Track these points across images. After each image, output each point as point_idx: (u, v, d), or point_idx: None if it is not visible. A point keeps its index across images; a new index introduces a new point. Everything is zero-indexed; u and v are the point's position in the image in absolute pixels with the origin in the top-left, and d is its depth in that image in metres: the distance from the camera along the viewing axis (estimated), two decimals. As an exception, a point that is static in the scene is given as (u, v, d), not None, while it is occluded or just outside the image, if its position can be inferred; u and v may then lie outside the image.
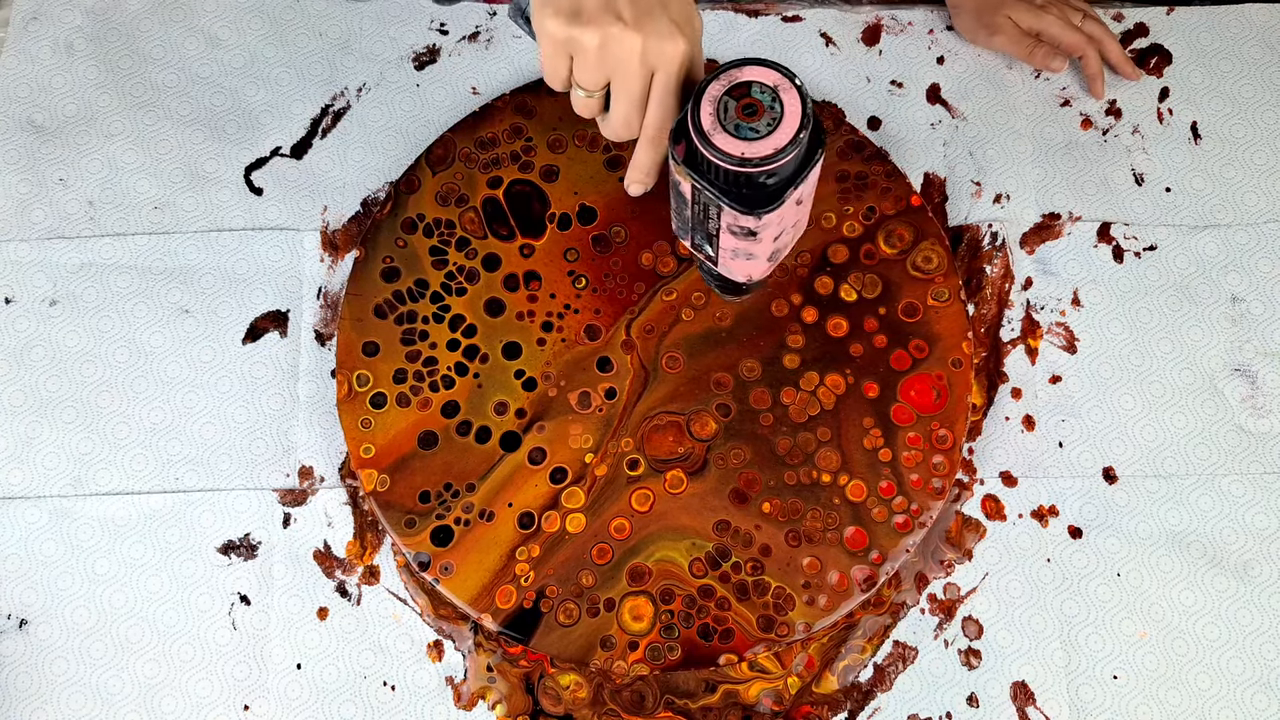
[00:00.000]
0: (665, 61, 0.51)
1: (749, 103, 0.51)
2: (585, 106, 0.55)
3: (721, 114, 0.51)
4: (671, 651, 0.67)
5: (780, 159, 0.51)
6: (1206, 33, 0.81)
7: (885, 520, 0.69)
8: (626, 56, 0.51)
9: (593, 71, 0.52)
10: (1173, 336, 0.74)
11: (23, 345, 0.73)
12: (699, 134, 0.51)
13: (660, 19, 0.51)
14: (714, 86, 0.51)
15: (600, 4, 0.50)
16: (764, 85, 0.52)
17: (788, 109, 0.51)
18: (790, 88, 0.51)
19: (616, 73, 0.52)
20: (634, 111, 0.53)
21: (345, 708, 0.67)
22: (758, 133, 0.51)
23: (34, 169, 0.77)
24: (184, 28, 0.81)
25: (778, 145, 0.51)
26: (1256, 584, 0.69)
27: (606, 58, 0.51)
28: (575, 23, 0.51)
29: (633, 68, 0.51)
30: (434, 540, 0.68)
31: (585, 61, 0.52)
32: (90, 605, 0.69)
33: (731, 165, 0.51)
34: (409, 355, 0.72)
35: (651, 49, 0.51)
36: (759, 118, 0.51)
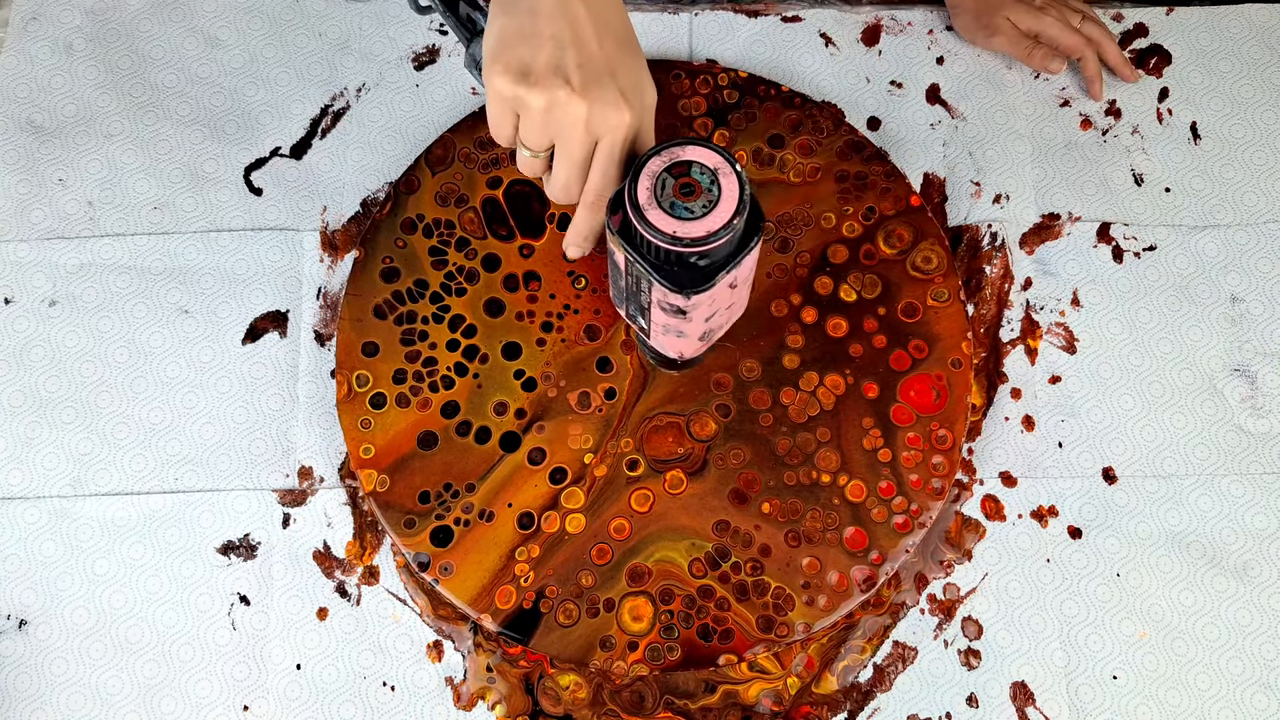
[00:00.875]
0: (609, 130, 0.51)
1: (687, 182, 0.51)
2: (529, 165, 0.55)
3: (659, 190, 0.51)
4: (671, 652, 0.67)
5: (713, 241, 0.51)
6: (1206, 33, 0.81)
7: (885, 520, 0.69)
8: (571, 122, 0.51)
9: (537, 133, 0.52)
10: (1172, 337, 0.74)
11: (22, 345, 0.73)
12: (634, 207, 0.51)
13: (608, 88, 0.51)
14: (654, 161, 0.51)
15: (549, 66, 0.50)
16: (704, 166, 0.52)
17: (725, 192, 0.51)
18: (730, 172, 0.51)
19: (560, 137, 0.52)
20: (575, 177, 0.53)
21: (345, 708, 0.67)
22: (692, 213, 0.51)
23: (33, 169, 0.77)
24: (183, 28, 0.81)
25: (711, 228, 0.51)
26: (1256, 584, 0.69)
27: (551, 121, 0.51)
28: (523, 83, 0.50)
29: (576, 134, 0.51)
30: (433, 541, 0.68)
31: (530, 122, 0.52)
32: (90, 606, 0.69)
33: (664, 243, 0.51)
34: (409, 355, 0.72)
35: (596, 117, 0.51)
36: (695, 198, 0.51)
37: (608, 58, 0.51)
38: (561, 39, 0.50)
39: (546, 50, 0.50)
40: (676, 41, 0.81)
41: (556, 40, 0.50)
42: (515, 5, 0.51)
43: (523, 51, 0.50)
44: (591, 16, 0.51)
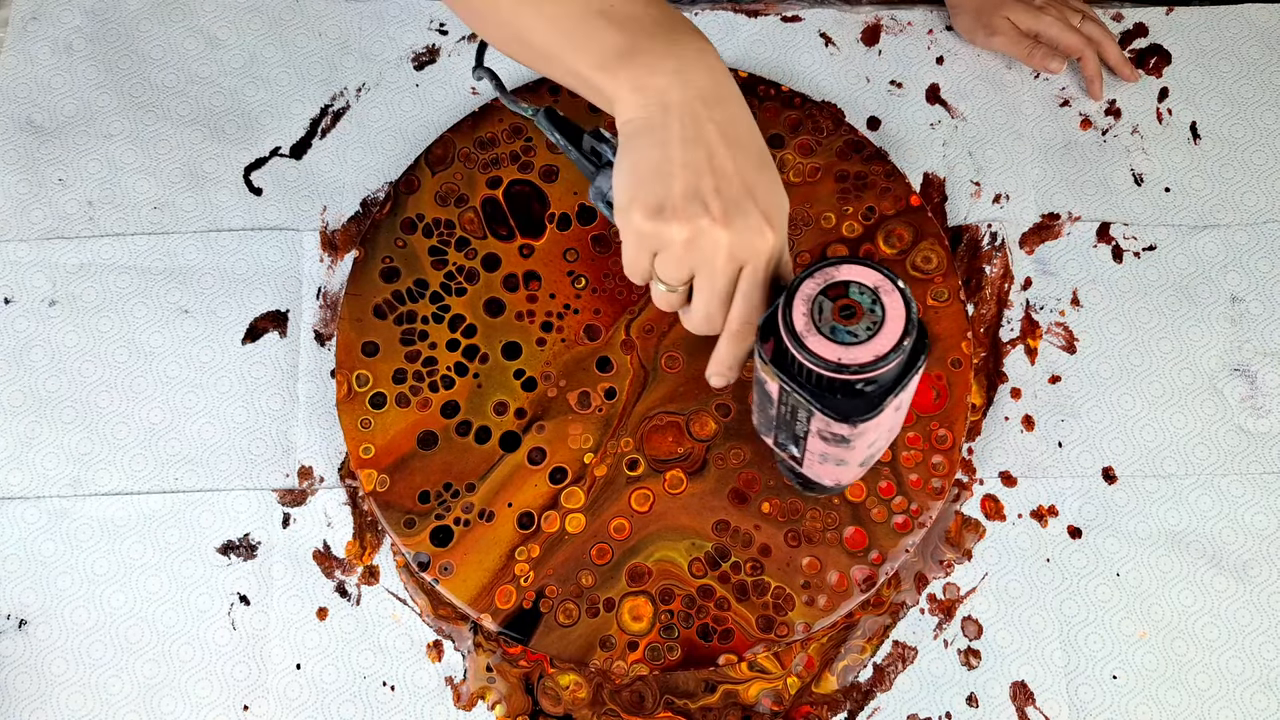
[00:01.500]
0: (753, 256, 0.49)
1: (847, 304, 0.48)
2: (667, 301, 0.52)
3: (816, 314, 0.48)
4: (671, 651, 0.67)
5: (881, 366, 0.47)
6: (1206, 33, 0.81)
7: (885, 520, 0.69)
8: (713, 252, 0.48)
9: (677, 267, 0.49)
10: (1172, 336, 0.74)
11: (22, 345, 0.73)
12: (791, 335, 0.47)
13: (750, 213, 0.48)
14: (808, 284, 0.48)
15: (687, 196, 0.47)
16: (863, 286, 0.48)
17: (890, 312, 0.48)
18: (892, 289, 0.48)
19: (702, 268, 0.49)
20: (718, 307, 0.51)
21: (345, 708, 0.67)
22: (856, 337, 0.47)
23: (33, 169, 0.77)
24: (183, 28, 0.81)
25: (879, 352, 0.47)
26: (1256, 584, 0.69)
27: (692, 253, 0.49)
28: (660, 218, 0.48)
29: (719, 264, 0.49)
30: (433, 540, 0.68)
31: (670, 257, 0.49)
32: (90, 606, 0.69)
33: (828, 371, 0.47)
34: (408, 355, 0.72)
35: (740, 244, 0.48)
36: (858, 320, 0.47)
37: (744, 179, 0.48)
38: (697, 166, 0.48)
39: (682, 180, 0.48)
40: (676, 41, 0.81)
41: (691, 168, 0.48)
42: (644, 136, 0.49)
43: (658, 186, 0.48)
44: (724, 138, 0.48)
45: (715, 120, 0.48)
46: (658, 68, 0.48)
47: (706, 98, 0.48)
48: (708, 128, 0.48)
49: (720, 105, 0.49)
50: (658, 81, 0.48)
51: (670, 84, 0.48)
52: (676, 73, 0.48)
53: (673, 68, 0.48)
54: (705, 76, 0.49)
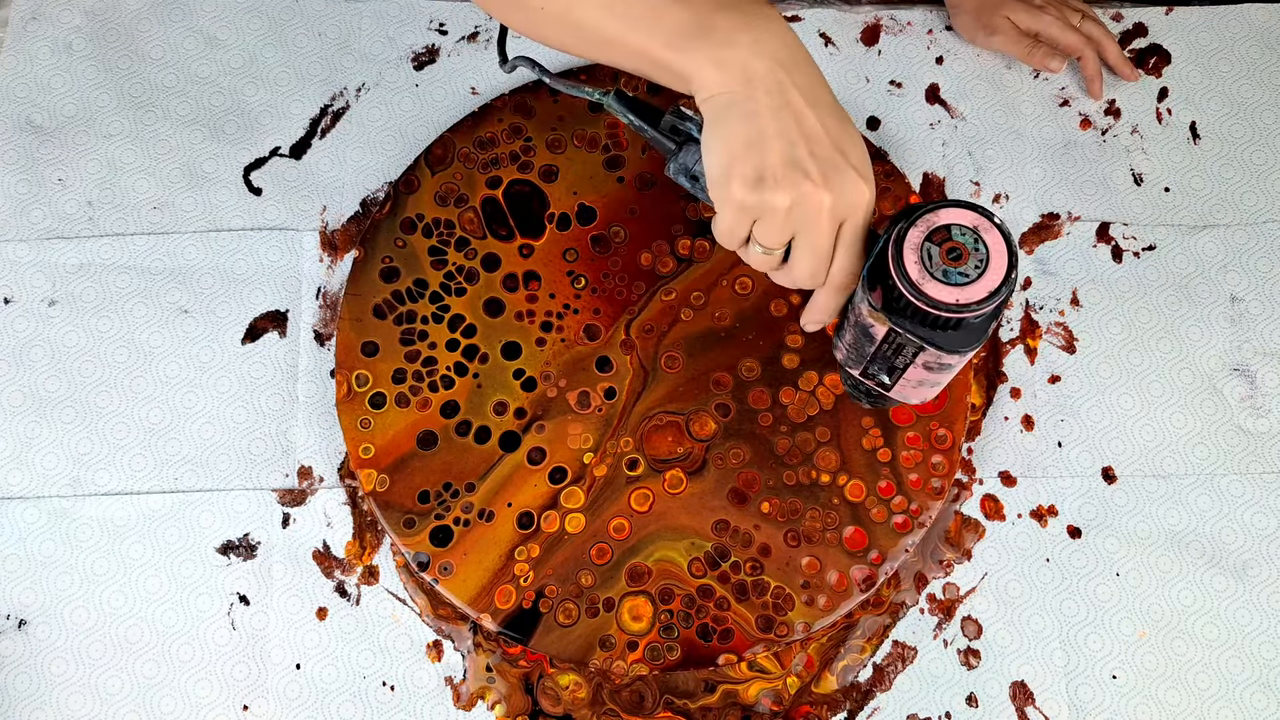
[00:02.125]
0: (853, 211, 0.50)
1: (953, 246, 0.50)
2: (765, 262, 0.53)
3: (927, 261, 0.50)
4: (671, 651, 0.67)
5: (994, 301, 0.50)
6: (1205, 33, 0.81)
7: (884, 520, 0.69)
8: (816, 214, 0.50)
9: (780, 232, 0.51)
10: (1171, 336, 0.74)
11: (22, 345, 0.73)
12: (907, 283, 0.49)
13: (845, 170, 0.49)
14: (913, 233, 0.50)
15: (786, 165, 0.49)
16: (964, 227, 0.50)
17: (992, 249, 0.50)
18: (991, 226, 0.50)
19: (804, 230, 0.51)
20: (822, 264, 0.52)
21: (344, 708, 0.67)
22: (967, 277, 0.49)
23: (33, 169, 0.77)
24: (183, 28, 0.81)
25: (991, 287, 0.49)
26: (1255, 584, 0.69)
27: (794, 217, 0.50)
28: (762, 187, 0.49)
29: (822, 223, 0.50)
30: (433, 540, 0.68)
31: (772, 223, 0.50)
32: (89, 605, 0.69)
33: (949, 313, 0.50)
34: (408, 355, 0.72)
35: (841, 203, 0.50)
36: (965, 261, 0.50)
37: (834, 138, 0.49)
38: (789, 134, 0.49)
39: (777, 149, 0.49)
40: (676, 41, 0.81)
41: (784, 137, 0.49)
42: (731, 110, 0.49)
43: (753, 158, 0.49)
44: (808, 101, 0.49)
45: (797, 85, 0.49)
46: (733, 41, 0.49)
47: (785, 64, 0.49)
48: (792, 94, 0.49)
49: (799, 69, 0.50)
50: (736, 55, 0.49)
51: (749, 55, 0.49)
52: (753, 43, 0.49)
53: (748, 39, 0.49)
54: (779, 43, 0.49)
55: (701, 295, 0.73)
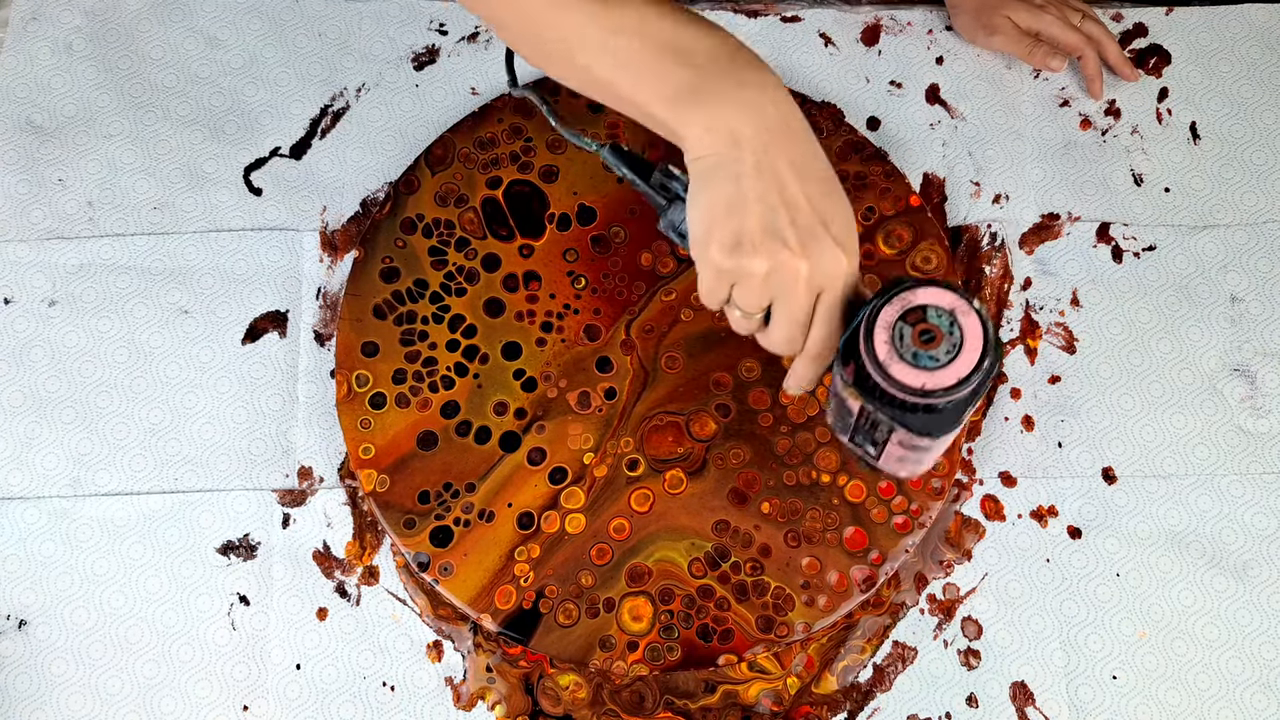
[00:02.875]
0: (830, 282, 0.50)
1: (926, 329, 0.49)
2: (744, 326, 0.53)
3: (897, 342, 0.49)
4: (671, 652, 0.67)
5: (963, 389, 0.48)
6: (1205, 33, 0.81)
7: (885, 520, 0.69)
8: (792, 282, 0.50)
9: (757, 297, 0.51)
10: (1172, 336, 0.74)
11: (22, 346, 0.73)
12: (875, 364, 0.49)
13: (825, 241, 0.49)
14: (887, 311, 0.49)
15: (764, 232, 0.49)
16: (940, 309, 0.49)
17: (967, 334, 0.48)
18: (969, 310, 0.49)
19: (781, 297, 0.51)
20: (798, 332, 0.52)
21: (344, 708, 0.67)
22: (937, 361, 0.48)
23: (33, 169, 0.77)
24: (183, 28, 0.81)
25: (960, 374, 0.48)
26: (1256, 584, 0.69)
27: (771, 284, 0.50)
28: (739, 252, 0.49)
29: (799, 293, 0.50)
30: (433, 541, 0.68)
31: (749, 288, 0.50)
32: (89, 606, 0.69)
33: (913, 397, 0.48)
34: (408, 355, 0.72)
35: (818, 273, 0.50)
36: (937, 344, 0.48)
37: (818, 210, 0.49)
38: (770, 201, 0.49)
39: (757, 215, 0.49)
40: (676, 41, 0.81)
41: (765, 203, 0.49)
42: (716, 174, 0.50)
43: (733, 222, 0.49)
44: (795, 170, 0.49)
45: (785, 153, 0.49)
46: (727, 106, 0.49)
47: (775, 131, 0.49)
48: (778, 161, 0.49)
49: (788, 137, 0.50)
50: (726, 119, 0.49)
51: (738, 120, 0.49)
52: (745, 110, 0.49)
53: (741, 105, 0.49)
54: (773, 111, 0.50)
55: (702, 295, 0.73)
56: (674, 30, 0.50)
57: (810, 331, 0.52)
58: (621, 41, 0.50)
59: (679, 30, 0.50)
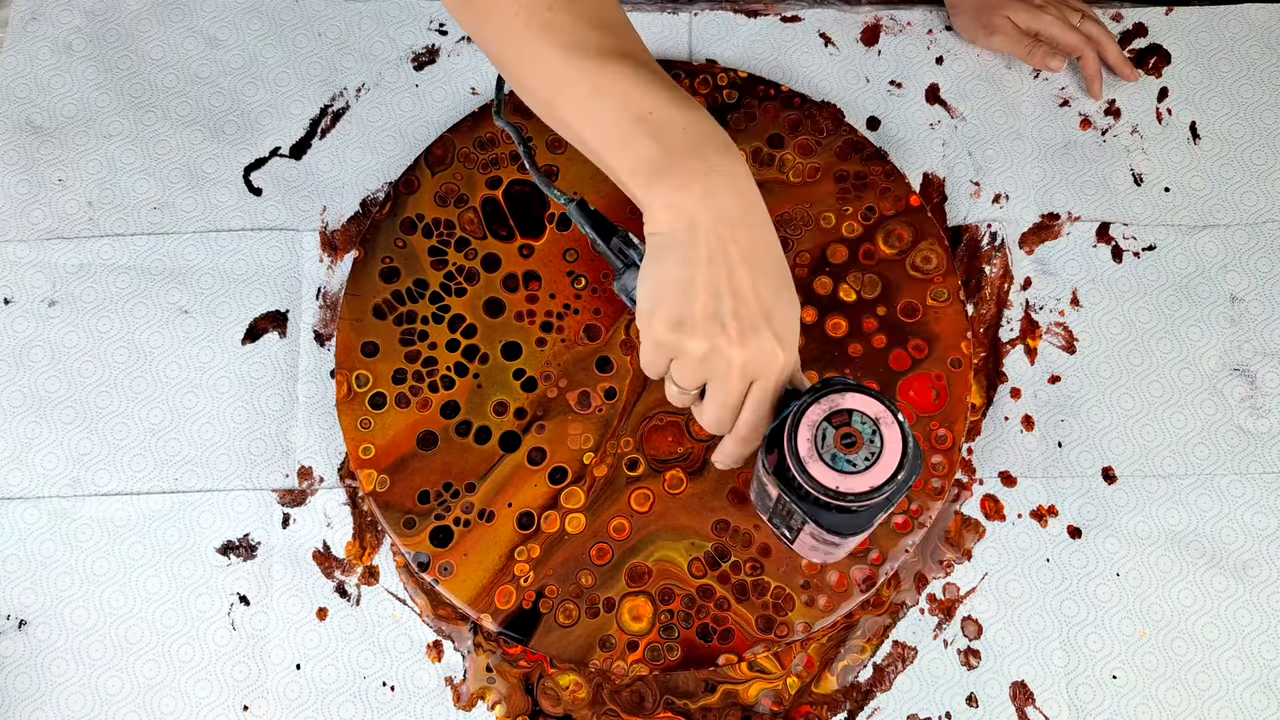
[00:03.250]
0: (764, 374, 0.52)
1: (849, 433, 0.50)
2: (679, 400, 0.55)
3: (819, 441, 0.50)
4: (671, 652, 0.67)
5: (875, 496, 0.50)
6: (1205, 33, 0.81)
7: (884, 520, 0.69)
8: (726, 369, 0.51)
9: (692, 376, 0.52)
10: (1172, 336, 0.74)
11: (21, 346, 0.73)
12: (794, 458, 0.50)
13: (764, 334, 0.51)
14: (814, 410, 0.51)
15: (706, 316, 0.50)
16: (866, 416, 0.51)
17: (887, 444, 0.50)
18: (892, 422, 0.50)
19: (714, 380, 0.52)
20: (728, 415, 0.53)
21: (344, 708, 0.67)
22: (855, 466, 0.50)
23: (33, 169, 0.77)
24: (183, 28, 0.81)
25: (874, 483, 0.50)
26: (1256, 584, 0.69)
27: (706, 366, 0.51)
28: (680, 331, 0.51)
29: (732, 379, 0.51)
30: (433, 541, 0.68)
31: (686, 366, 0.52)
32: (89, 606, 0.69)
33: (826, 496, 0.50)
34: (408, 355, 0.72)
35: (752, 363, 0.51)
36: (857, 450, 0.50)
37: (763, 303, 0.51)
38: (717, 288, 0.50)
39: (702, 300, 0.50)
40: (676, 41, 0.81)
41: (712, 289, 0.50)
42: (669, 253, 0.51)
43: (680, 302, 0.50)
44: (746, 261, 0.50)
45: (739, 242, 0.50)
46: (689, 187, 0.50)
47: (733, 221, 0.50)
48: (731, 250, 0.50)
49: (745, 228, 0.51)
50: (688, 201, 0.50)
51: (699, 206, 0.50)
52: (705, 195, 0.50)
53: (702, 189, 0.50)
54: (734, 200, 0.50)
55: (701, 295, 0.73)
56: (653, 104, 0.51)
57: (740, 416, 0.53)
58: (600, 106, 0.51)
59: (659, 106, 0.51)
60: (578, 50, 0.52)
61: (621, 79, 0.51)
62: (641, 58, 0.53)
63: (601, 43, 0.52)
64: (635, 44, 0.54)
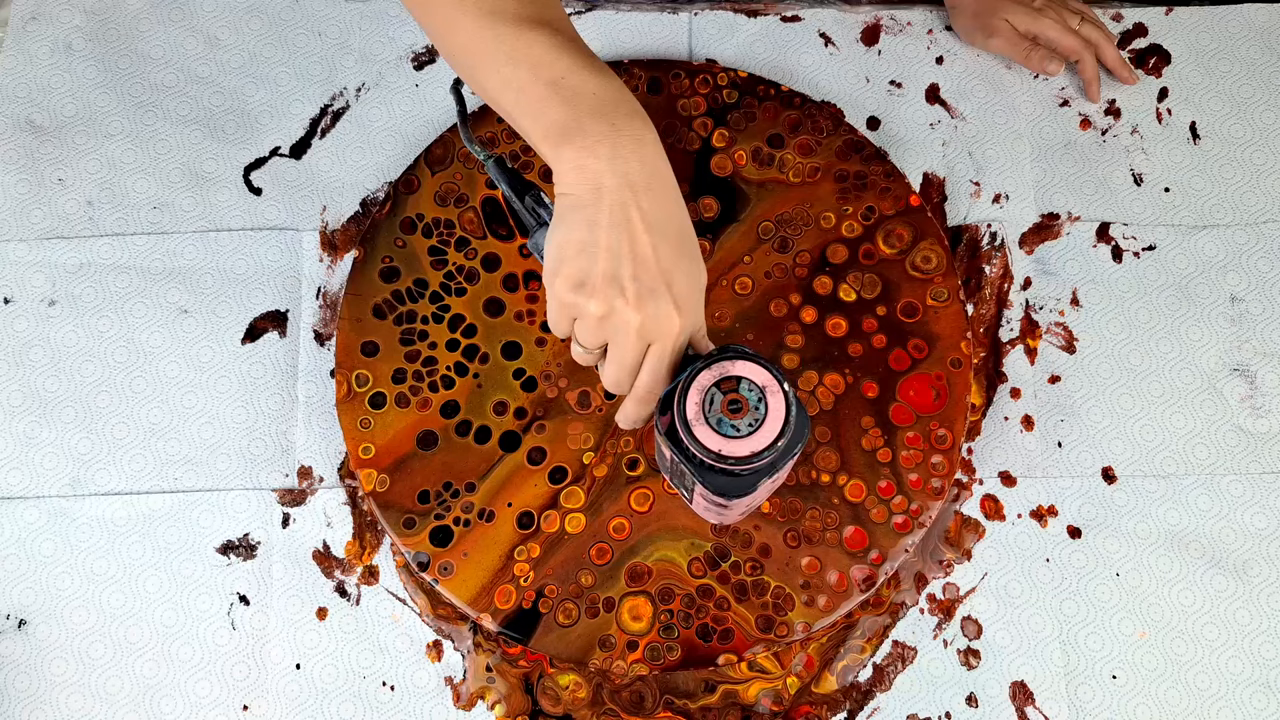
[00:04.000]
0: (661, 337, 0.53)
1: (735, 399, 0.52)
2: (583, 358, 0.56)
3: (707, 405, 0.52)
4: (671, 651, 0.67)
5: (756, 461, 0.51)
6: (1205, 33, 0.81)
7: (884, 520, 0.69)
8: (624, 330, 0.52)
9: (592, 336, 0.53)
10: (1172, 336, 0.74)
11: (21, 345, 0.73)
12: (682, 421, 0.52)
13: (662, 298, 0.52)
14: (704, 375, 0.52)
15: (606, 278, 0.51)
16: (753, 383, 0.52)
17: (771, 412, 0.52)
18: (778, 390, 0.52)
19: (614, 340, 0.53)
20: (625, 376, 0.54)
21: (344, 708, 0.67)
22: (738, 431, 0.52)
23: (33, 169, 0.77)
24: (183, 27, 0.81)
25: (754, 449, 0.51)
26: (1255, 584, 0.69)
27: (605, 327, 0.53)
28: (580, 292, 0.52)
29: (629, 340, 0.52)
30: (433, 540, 0.68)
31: (586, 326, 0.53)
32: (89, 605, 0.69)
33: (709, 459, 0.52)
34: (408, 355, 0.72)
35: (649, 325, 0.52)
36: (742, 415, 0.52)
37: (663, 267, 0.52)
38: (618, 251, 0.51)
39: (603, 262, 0.51)
40: (676, 41, 0.81)
41: (612, 252, 0.51)
42: (576, 214, 0.52)
43: (582, 263, 0.51)
44: (648, 225, 0.51)
45: (641, 207, 0.51)
46: (596, 150, 0.51)
47: (637, 185, 0.51)
48: (633, 214, 0.51)
49: (649, 193, 0.52)
50: (595, 164, 0.51)
51: (605, 169, 0.51)
52: (612, 158, 0.51)
53: (609, 152, 0.51)
54: (638, 164, 0.52)
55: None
56: (566, 70, 0.52)
57: (638, 377, 0.54)
58: (516, 71, 0.53)
59: (571, 71, 0.52)
60: (496, 16, 0.53)
61: (536, 45, 0.53)
62: (558, 25, 0.54)
63: (520, 10, 0.53)
64: (554, 12, 0.55)
